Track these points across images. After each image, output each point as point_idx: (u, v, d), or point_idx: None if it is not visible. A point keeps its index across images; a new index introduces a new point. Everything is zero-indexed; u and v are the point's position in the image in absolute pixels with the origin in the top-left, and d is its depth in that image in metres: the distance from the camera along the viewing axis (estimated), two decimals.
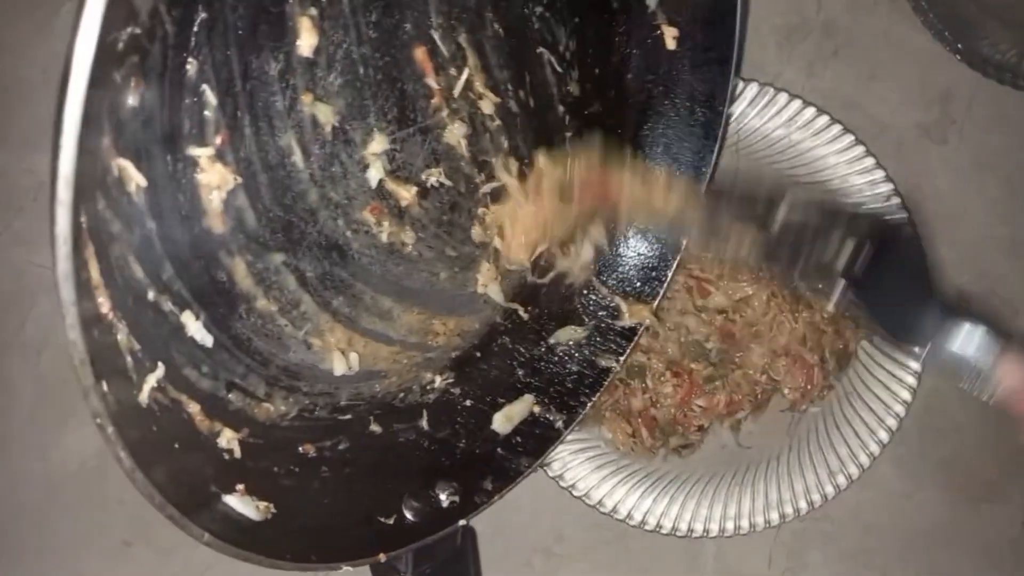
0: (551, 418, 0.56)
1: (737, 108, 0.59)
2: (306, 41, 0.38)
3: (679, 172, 0.53)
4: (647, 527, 0.57)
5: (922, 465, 0.61)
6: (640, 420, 0.58)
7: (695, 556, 0.61)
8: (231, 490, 0.39)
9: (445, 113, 0.45)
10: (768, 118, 0.59)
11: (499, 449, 0.54)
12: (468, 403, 0.54)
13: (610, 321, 0.57)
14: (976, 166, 0.63)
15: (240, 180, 0.37)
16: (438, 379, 0.53)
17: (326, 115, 0.40)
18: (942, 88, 0.64)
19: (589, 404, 0.56)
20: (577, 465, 0.58)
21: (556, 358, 0.57)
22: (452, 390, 0.54)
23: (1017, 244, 0.63)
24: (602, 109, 0.54)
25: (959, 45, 0.61)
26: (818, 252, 0.40)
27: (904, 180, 0.59)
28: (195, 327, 0.38)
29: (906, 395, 0.56)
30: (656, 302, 0.57)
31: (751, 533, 0.57)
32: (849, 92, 0.63)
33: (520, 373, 0.56)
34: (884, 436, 0.56)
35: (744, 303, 0.57)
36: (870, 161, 0.58)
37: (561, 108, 0.52)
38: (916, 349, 0.40)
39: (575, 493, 0.58)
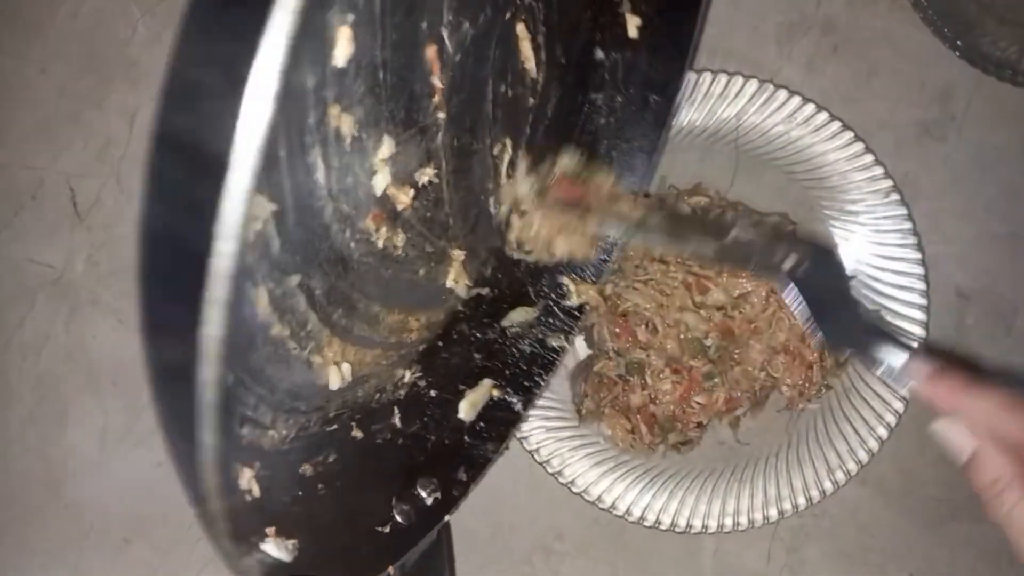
0: (510, 400, 0.56)
1: (736, 105, 0.58)
2: (342, 51, 0.34)
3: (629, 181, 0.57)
4: (646, 523, 0.57)
5: (920, 463, 0.60)
6: (639, 416, 0.57)
7: (694, 552, 0.61)
8: (264, 536, 0.37)
9: (443, 114, 0.43)
10: (767, 115, 0.58)
11: (466, 437, 0.54)
12: (433, 393, 0.54)
13: (558, 300, 0.59)
14: (975, 163, 0.62)
15: (276, 207, 0.34)
16: (407, 374, 0.52)
17: (348, 126, 0.36)
18: (941, 85, 0.62)
19: (543, 384, 0.58)
20: (576, 461, 0.57)
21: (509, 340, 0.58)
22: (419, 383, 0.53)
23: (1016, 241, 0.62)
24: (561, 92, 0.54)
25: (958, 42, 0.60)
26: (766, 257, 0.46)
27: (903, 177, 0.59)
28: None
29: (905, 392, 0.55)
30: (601, 282, 0.59)
31: (749, 529, 0.57)
32: (848, 89, 0.62)
33: (477, 357, 0.56)
34: (883, 433, 0.56)
35: (743, 300, 0.56)
36: (869, 158, 0.58)
37: (532, 100, 0.51)
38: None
39: (574, 489, 0.57)
